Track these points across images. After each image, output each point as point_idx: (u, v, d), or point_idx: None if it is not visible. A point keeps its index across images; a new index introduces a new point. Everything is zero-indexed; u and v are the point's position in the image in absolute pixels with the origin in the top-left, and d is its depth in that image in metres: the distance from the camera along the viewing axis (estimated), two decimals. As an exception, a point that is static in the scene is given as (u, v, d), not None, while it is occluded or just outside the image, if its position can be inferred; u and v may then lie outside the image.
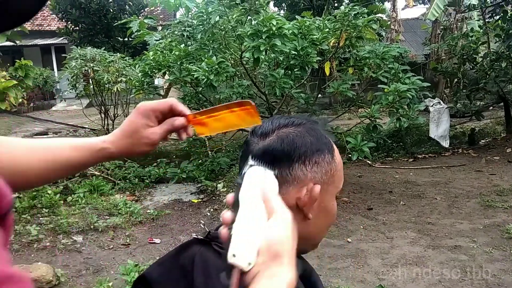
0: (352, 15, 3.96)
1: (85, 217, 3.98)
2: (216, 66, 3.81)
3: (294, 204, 0.75)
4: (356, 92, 5.13)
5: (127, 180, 4.90)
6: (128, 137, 0.75)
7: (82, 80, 5.54)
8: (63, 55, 6.03)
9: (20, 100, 5.62)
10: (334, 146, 0.82)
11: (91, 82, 5.51)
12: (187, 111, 0.74)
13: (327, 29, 4.09)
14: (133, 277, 2.57)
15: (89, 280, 3.06)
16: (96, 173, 4.77)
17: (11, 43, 12.08)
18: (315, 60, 4.07)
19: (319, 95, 6.08)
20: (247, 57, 4.04)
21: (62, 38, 13.51)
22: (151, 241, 3.68)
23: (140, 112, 0.74)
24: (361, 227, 3.95)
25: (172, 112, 0.75)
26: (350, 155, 4.21)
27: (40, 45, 15.13)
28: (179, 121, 0.74)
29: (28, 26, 14.60)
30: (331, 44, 4.33)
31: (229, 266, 0.50)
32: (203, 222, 0.97)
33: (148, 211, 4.34)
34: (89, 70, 5.23)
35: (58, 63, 14.17)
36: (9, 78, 4.23)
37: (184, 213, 4.32)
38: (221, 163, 4.58)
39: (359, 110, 5.18)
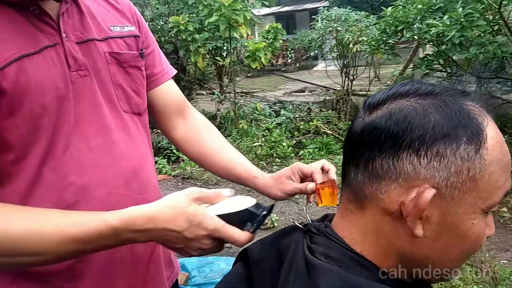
0: None
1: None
2: (462, 19, 3.17)
3: (397, 209, 0.54)
4: None
5: (356, 142, 4.89)
6: (273, 179, 0.92)
7: (328, 40, 5.73)
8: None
9: (279, 60, 6.32)
10: (489, 134, 0.53)
11: (336, 42, 5.62)
12: (320, 180, 0.85)
13: None
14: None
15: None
16: (328, 131, 4.96)
17: (286, 9, 13.62)
18: None
19: None
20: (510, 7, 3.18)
21: (326, 1, 14.26)
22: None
23: (291, 167, 0.90)
24: None
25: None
26: None
27: (309, 9, 16.48)
28: (310, 187, 0.86)
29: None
30: None
31: None
32: (304, 209, 0.88)
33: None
34: (333, 30, 5.34)
35: (322, 25, 15.23)
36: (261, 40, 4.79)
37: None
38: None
39: None
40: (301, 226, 0.67)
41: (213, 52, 6.09)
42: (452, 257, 0.56)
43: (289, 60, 14.44)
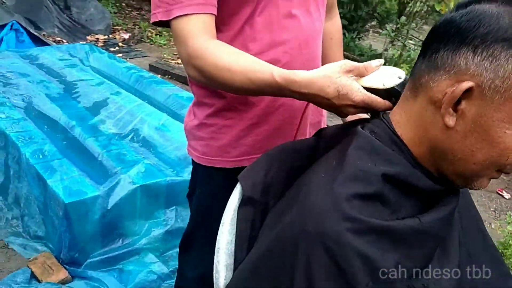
0: None
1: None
2: None
3: (440, 100, 0.60)
4: None
5: None
6: None
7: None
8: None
9: None
10: None
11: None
12: None
13: None
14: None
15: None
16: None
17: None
18: None
19: None
20: None
21: None
22: (500, 192, 3.19)
23: None
24: None
25: None
26: None
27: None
28: None
29: None
30: None
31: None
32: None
33: None
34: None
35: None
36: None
37: None
38: None
39: None
40: (369, 115, 0.76)
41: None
42: (477, 160, 0.58)
43: None
